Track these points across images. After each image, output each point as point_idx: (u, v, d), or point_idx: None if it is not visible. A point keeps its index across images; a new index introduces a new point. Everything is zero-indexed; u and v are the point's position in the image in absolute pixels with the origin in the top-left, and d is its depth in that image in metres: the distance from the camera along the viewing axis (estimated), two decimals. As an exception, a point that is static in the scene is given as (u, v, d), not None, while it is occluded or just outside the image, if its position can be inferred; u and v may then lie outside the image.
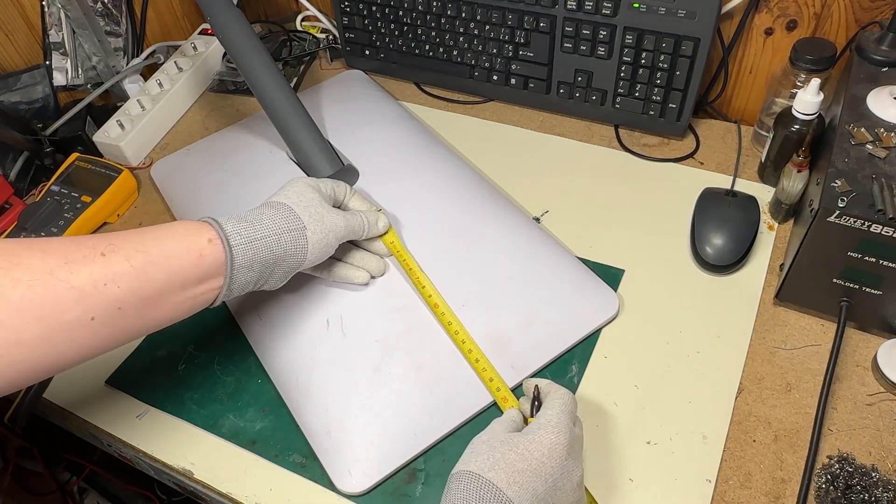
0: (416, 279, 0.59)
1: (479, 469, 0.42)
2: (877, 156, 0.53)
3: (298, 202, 0.52)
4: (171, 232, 0.46)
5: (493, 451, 0.43)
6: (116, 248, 0.42)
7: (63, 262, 0.40)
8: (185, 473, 0.55)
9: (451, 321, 0.57)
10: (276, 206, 0.52)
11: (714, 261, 0.63)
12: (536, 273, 0.61)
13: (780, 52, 0.76)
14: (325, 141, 0.70)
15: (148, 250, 0.43)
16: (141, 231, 0.45)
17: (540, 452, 0.43)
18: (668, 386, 0.56)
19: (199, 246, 0.46)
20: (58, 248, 0.41)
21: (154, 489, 0.99)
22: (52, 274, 0.39)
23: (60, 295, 0.39)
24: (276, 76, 0.68)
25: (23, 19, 0.83)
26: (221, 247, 0.47)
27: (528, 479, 0.42)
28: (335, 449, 0.53)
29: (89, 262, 0.41)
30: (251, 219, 0.49)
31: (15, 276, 0.38)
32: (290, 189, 0.54)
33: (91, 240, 0.43)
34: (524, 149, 0.79)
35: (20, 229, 0.72)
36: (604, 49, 0.74)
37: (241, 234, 0.48)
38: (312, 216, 0.52)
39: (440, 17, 0.82)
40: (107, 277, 0.41)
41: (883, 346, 0.55)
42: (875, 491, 0.47)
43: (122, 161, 0.82)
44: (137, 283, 0.43)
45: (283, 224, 0.50)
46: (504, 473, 0.42)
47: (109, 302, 0.41)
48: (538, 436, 0.44)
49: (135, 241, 0.44)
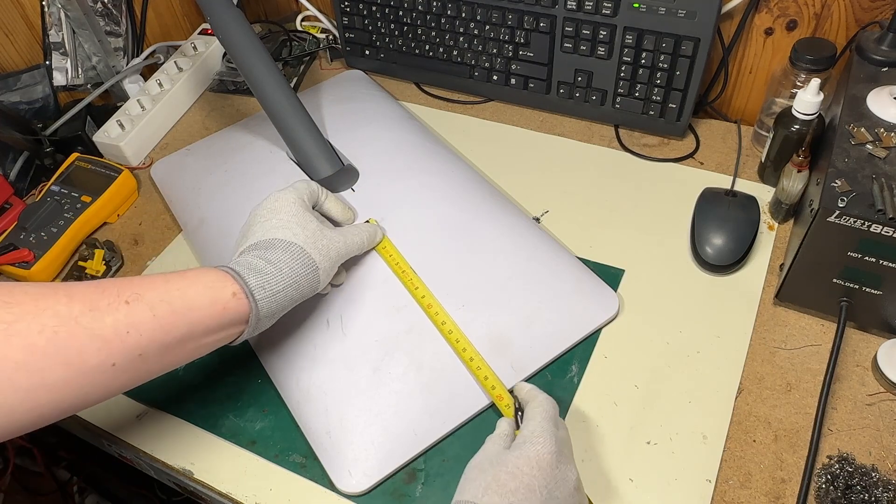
0: (408, 281, 0.59)
1: (473, 497, 0.42)
2: (877, 156, 0.53)
3: (306, 237, 0.52)
4: (195, 282, 0.46)
5: (484, 475, 0.43)
6: (140, 296, 0.43)
7: (88, 309, 0.41)
8: (185, 473, 0.55)
9: (444, 321, 0.57)
10: (288, 247, 0.51)
11: (714, 261, 0.63)
12: (536, 273, 0.61)
13: (780, 52, 0.76)
14: (325, 141, 0.70)
15: (172, 301, 0.44)
16: (165, 278, 0.45)
17: (529, 466, 0.43)
18: (668, 386, 0.56)
19: (223, 299, 0.46)
20: (83, 295, 0.42)
21: (154, 489, 0.99)
22: (76, 321, 0.40)
23: (85, 342, 0.40)
24: (276, 76, 0.68)
25: (23, 19, 0.83)
26: (246, 301, 0.47)
27: (522, 497, 0.42)
28: (335, 449, 0.53)
29: (113, 309, 0.42)
30: (270, 269, 0.49)
31: (42, 322, 0.39)
32: (285, 216, 0.53)
33: (115, 286, 0.43)
34: (524, 149, 0.79)
35: (20, 229, 0.72)
36: (604, 49, 0.74)
37: (264, 289, 0.48)
38: (321, 251, 0.52)
39: (440, 17, 0.82)
40: (130, 326, 0.42)
41: (883, 346, 0.55)
42: (875, 491, 0.47)
43: (122, 161, 0.82)
44: (160, 333, 0.43)
45: (300, 270, 0.50)
46: (497, 496, 0.42)
47: (131, 349, 0.42)
48: (524, 450, 0.44)
49: (159, 290, 0.44)
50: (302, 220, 0.53)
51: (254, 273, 0.48)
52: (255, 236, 0.52)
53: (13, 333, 0.38)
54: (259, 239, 0.52)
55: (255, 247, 0.51)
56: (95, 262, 0.70)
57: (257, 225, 0.53)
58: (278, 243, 0.51)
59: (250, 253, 0.51)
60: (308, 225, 0.53)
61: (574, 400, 0.56)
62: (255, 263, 0.49)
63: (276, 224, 0.52)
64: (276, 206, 0.54)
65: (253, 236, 0.52)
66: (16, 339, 0.38)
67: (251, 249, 0.51)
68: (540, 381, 0.57)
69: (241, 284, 0.47)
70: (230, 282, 0.47)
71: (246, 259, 0.50)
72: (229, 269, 0.48)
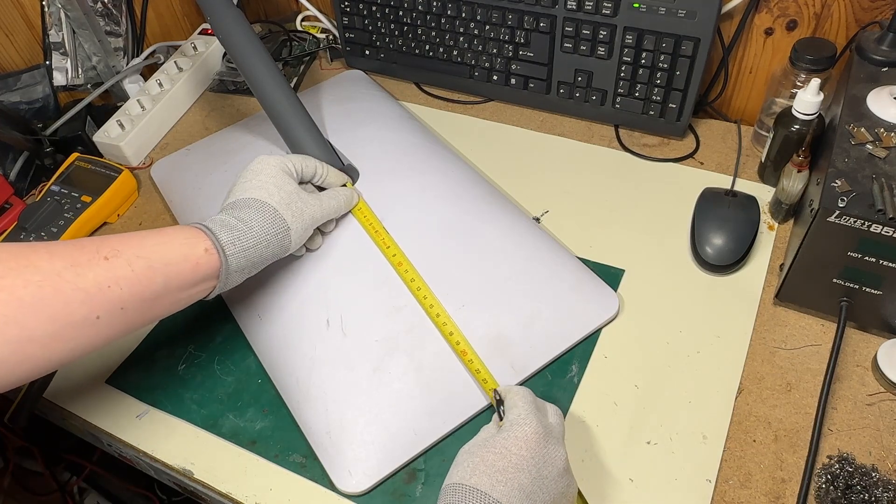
0: (380, 241, 0.61)
1: (461, 479, 0.43)
2: (877, 156, 0.53)
3: (280, 199, 0.55)
4: (170, 239, 0.49)
5: (472, 458, 0.44)
6: (119, 252, 0.45)
7: (69, 265, 0.43)
8: (185, 473, 0.55)
9: (439, 313, 0.57)
10: (261, 207, 0.54)
11: (714, 261, 0.63)
12: (536, 273, 0.61)
13: (780, 52, 0.76)
14: (325, 141, 0.70)
15: (148, 256, 0.46)
16: (140, 235, 0.48)
17: (516, 446, 0.44)
18: (668, 386, 0.56)
19: (195, 255, 0.49)
20: (63, 251, 0.43)
21: (154, 489, 0.99)
22: (59, 276, 0.42)
23: (68, 295, 0.42)
24: (276, 76, 0.68)
25: (23, 19, 0.83)
26: (217, 256, 0.50)
27: (512, 476, 0.42)
28: (335, 449, 0.53)
29: (94, 265, 0.44)
30: (241, 227, 0.52)
31: (25, 277, 0.41)
32: (265, 177, 0.56)
33: (93, 243, 0.45)
34: (524, 149, 0.79)
35: (20, 229, 0.72)
36: (604, 49, 0.74)
37: (234, 244, 0.51)
38: (294, 213, 0.55)
39: (440, 17, 0.82)
40: (110, 280, 0.44)
41: (883, 346, 0.55)
42: (875, 491, 0.47)
43: (122, 161, 0.82)
44: (139, 287, 0.46)
45: (271, 229, 0.53)
46: (486, 476, 0.42)
47: (113, 302, 0.44)
48: (510, 431, 0.45)
49: (135, 247, 0.46)
50: (279, 182, 0.56)
51: (226, 229, 0.51)
52: (234, 195, 0.55)
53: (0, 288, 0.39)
54: (237, 198, 0.55)
55: (232, 206, 0.54)
56: (95, 262, 0.70)
57: (238, 185, 0.56)
58: (252, 202, 0.54)
59: (226, 212, 0.54)
60: (284, 187, 0.56)
61: (574, 400, 0.56)
62: (227, 221, 0.52)
63: (254, 185, 0.55)
64: (258, 168, 0.57)
65: (232, 196, 0.55)
66: (2, 293, 0.39)
67: (228, 208, 0.54)
68: (540, 381, 0.57)
69: (212, 240, 0.50)
70: (203, 238, 0.50)
71: (220, 217, 0.53)
72: (203, 227, 0.51)
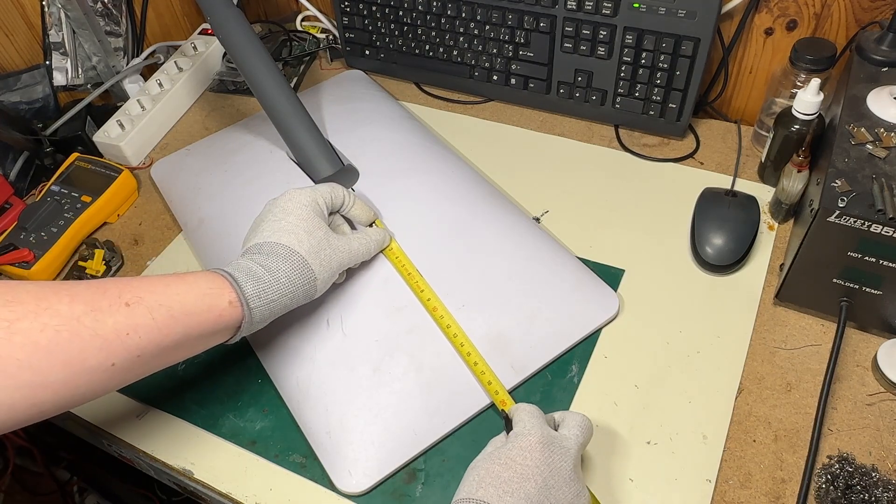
0: (414, 284, 0.59)
1: (468, 493, 0.43)
2: (877, 156, 0.53)
3: (310, 246, 0.52)
4: (193, 287, 0.47)
5: (477, 471, 0.44)
6: (141, 299, 0.44)
7: (90, 310, 0.42)
8: (185, 473, 0.55)
9: (450, 324, 0.57)
10: (289, 256, 0.51)
11: (714, 261, 0.63)
12: (536, 273, 0.61)
13: (780, 52, 0.76)
14: (325, 141, 0.70)
15: (171, 305, 0.45)
16: (164, 281, 0.46)
17: (521, 457, 0.44)
18: (668, 386, 0.56)
19: (219, 306, 0.47)
20: (84, 295, 0.42)
21: (154, 489, 0.99)
22: (78, 321, 0.41)
23: (86, 342, 0.41)
24: (276, 76, 0.68)
25: (23, 19, 0.83)
26: (240, 309, 0.48)
27: (518, 486, 0.43)
28: (335, 449, 0.53)
29: (114, 311, 0.42)
30: (267, 278, 0.49)
31: (44, 321, 0.40)
32: (294, 219, 0.53)
33: (116, 287, 0.44)
34: (524, 149, 0.79)
35: (20, 229, 0.72)
36: (604, 49, 0.74)
37: (259, 298, 0.49)
38: (322, 262, 0.53)
39: (440, 17, 0.82)
40: (130, 328, 0.43)
41: (883, 346, 0.55)
42: (875, 491, 0.47)
43: (122, 161, 0.82)
44: (158, 336, 0.44)
45: (297, 280, 0.51)
46: (493, 488, 0.43)
47: (130, 350, 0.43)
48: (514, 443, 0.45)
49: (158, 294, 0.45)
50: (310, 225, 0.53)
51: (251, 280, 0.49)
52: (263, 235, 0.53)
53: (15, 332, 0.38)
54: (265, 240, 0.52)
55: (260, 249, 0.51)
56: (95, 262, 0.70)
57: (267, 223, 0.53)
58: (280, 249, 0.51)
59: (253, 256, 0.51)
60: (315, 232, 0.53)
61: (574, 400, 0.56)
62: (253, 270, 0.49)
63: (284, 227, 0.53)
64: (288, 207, 0.54)
65: (261, 234, 0.53)
66: (18, 337, 0.38)
67: (255, 251, 0.51)
68: (540, 381, 0.57)
69: (237, 293, 0.48)
70: (227, 289, 0.48)
71: (247, 264, 0.50)
72: (228, 276, 0.48)
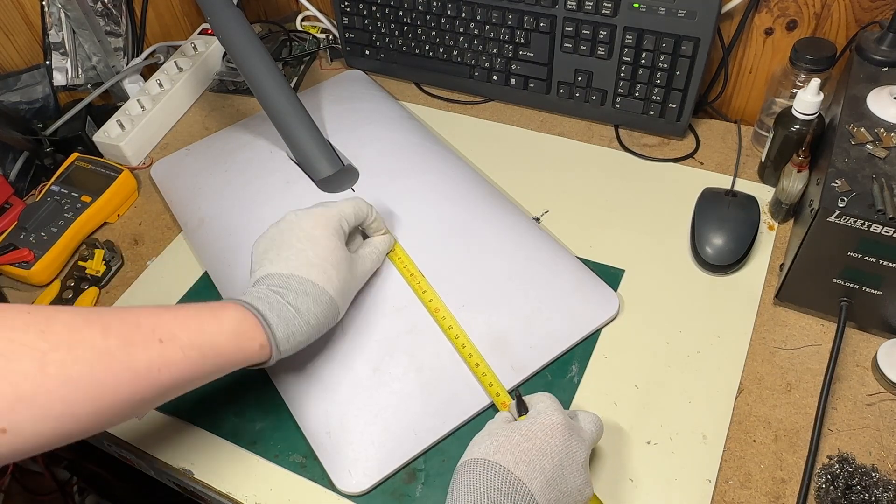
0: (416, 285, 0.59)
1: (483, 454, 0.43)
2: (877, 156, 0.53)
3: (339, 285, 0.52)
4: (225, 326, 0.46)
5: (494, 438, 0.45)
6: (175, 337, 0.44)
7: (123, 344, 0.41)
8: (185, 474, 0.55)
9: (451, 325, 0.57)
10: (320, 298, 0.50)
11: (714, 261, 0.63)
12: (536, 273, 0.61)
13: (780, 52, 0.76)
14: (325, 141, 0.70)
15: (202, 345, 0.45)
16: (198, 319, 0.46)
17: (543, 432, 0.44)
18: (668, 386, 0.56)
19: (250, 349, 0.47)
20: (119, 328, 0.42)
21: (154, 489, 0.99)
22: (112, 355, 0.41)
23: (119, 377, 0.41)
24: (276, 76, 0.68)
25: (23, 19, 0.83)
26: (269, 350, 0.48)
27: (535, 458, 0.43)
28: (335, 449, 0.53)
29: (147, 347, 0.42)
30: (297, 321, 0.49)
31: (77, 353, 0.39)
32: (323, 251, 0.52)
33: (150, 322, 0.43)
34: (524, 149, 0.79)
35: (20, 229, 0.72)
36: (604, 49, 0.74)
37: (288, 341, 0.49)
38: (346, 298, 0.53)
39: (440, 17, 0.82)
40: (162, 365, 0.43)
41: (883, 346, 0.55)
42: (875, 491, 0.47)
43: (122, 161, 0.81)
44: (188, 373, 0.44)
45: (325, 321, 0.51)
46: (510, 454, 0.43)
47: (159, 386, 0.43)
48: (536, 419, 0.46)
49: (191, 332, 0.45)
50: (338, 258, 0.53)
51: (282, 323, 0.48)
52: (290, 264, 0.51)
53: (49, 362, 0.38)
54: (293, 272, 0.50)
55: (288, 284, 0.50)
56: (95, 262, 0.70)
57: (294, 250, 0.52)
58: (311, 288, 0.50)
59: (282, 292, 0.49)
60: (342, 266, 0.53)
61: (574, 400, 0.56)
62: (285, 312, 0.48)
63: (312, 259, 0.51)
64: (315, 235, 0.53)
65: (287, 262, 0.51)
66: (51, 368, 0.38)
67: (284, 285, 0.50)
68: (540, 381, 0.57)
69: (268, 337, 0.47)
70: (259, 332, 0.47)
71: (277, 301, 0.49)
72: (258, 315, 0.48)
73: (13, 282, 0.72)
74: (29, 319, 0.39)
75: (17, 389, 0.37)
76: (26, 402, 0.37)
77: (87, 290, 0.69)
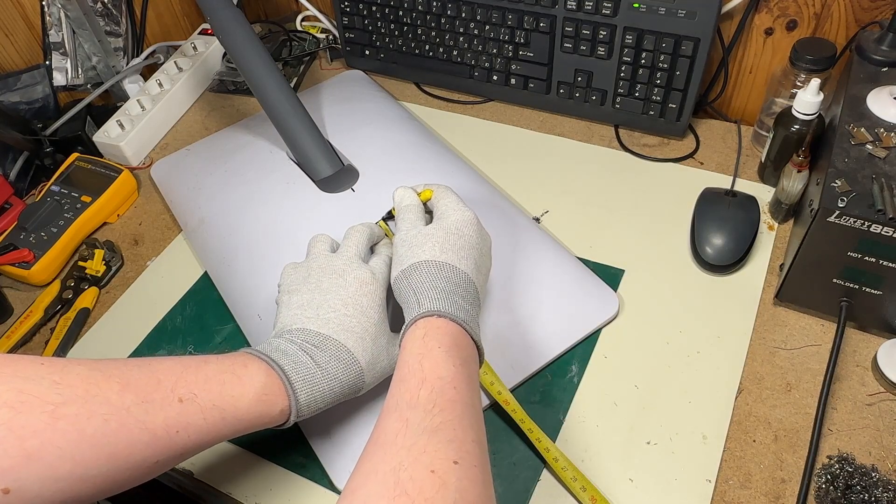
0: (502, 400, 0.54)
1: (432, 256, 0.49)
2: (877, 156, 0.53)
3: (370, 357, 0.49)
4: (248, 389, 0.44)
5: (432, 238, 0.50)
6: (195, 397, 0.41)
7: (141, 401, 0.39)
8: (185, 474, 0.55)
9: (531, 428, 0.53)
10: (351, 367, 0.47)
11: (714, 261, 0.63)
12: (536, 273, 0.61)
13: (780, 52, 0.76)
14: (325, 141, 0.70)
15: (223, 407, 0.42)
16: (220, 379, 0.43)
17: (467, 228, 0.52)
18: (668, 386, 0.56)
19: (270, 414, 0.45)
20: (137, 384, 0.40)
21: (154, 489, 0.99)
22: (128, 412, 0.38)
23: (134, 436, 0.38)
24: (276, 76, 0.68)
25: (23, 19, 0.83)
26: (289, 414, 0.46)
27: (468, 253, 0.50)
28: (335, 449, 0.53)
29: (166, 406, 0.40)
30: (323, 385, 0.46)
31: (91, 408, 0.37)
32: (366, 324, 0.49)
33: (170, 378, 0.41)
34: (524, 149, 0.79)
35: (20, 229, 0.72)
36: (604, 49, 0.74)
37: (310, 406, 0.46)
38: (375, 374, 0.50)
39: (440, 17, 0.82)
40: (180, 426, 0.40)
41: (883, 346, 0.55)
42: (875, 491, 0.47)
43: (122, 161, 0.82)
44: (206, 436, 0.42)
45: (349, 391, 0.48)
46: (453, 254, 0.49)
47: (176, 448, 0.40)
48: (458, 215, 0.52)
49: (213, 393, 0.42)
50: (377, 331, 0.50)
51: (307, 387, 0.46)
52: (330, 324, 0.48)
53: (60, 416, 0.35)
54: (331, 333, 0.48)
55: (324, 344, 0.47)
56: (95, 262, 0.70)
57: (335, 311, 0.49)
58: (345, 356, 0.47)
59: (314, 352, 0.47)
60: (379, 339, 0.50)
61: (574, 400, 0.56)
62: (311, 374, 0.46)
63: (353, 325, 0.49)
64: (363, 303, 0.50)
65: (326, 320, 0.48)
66: (63, 423, 0.35)
67: (318, 343, 0.47)
68: (540, 381, 0.57)
69: (291, 402, 0.45)
70: (282, 397, 0.45)
71: (306, 362, 0.46)
72: (284, 378, 0.45)
73: (13, 282, 0.72)
74: (43, 371, 0.37)
75: (23, 445, 0.34)
76: (33, 460, 0.34)
77: (87, 291, 0.69)
